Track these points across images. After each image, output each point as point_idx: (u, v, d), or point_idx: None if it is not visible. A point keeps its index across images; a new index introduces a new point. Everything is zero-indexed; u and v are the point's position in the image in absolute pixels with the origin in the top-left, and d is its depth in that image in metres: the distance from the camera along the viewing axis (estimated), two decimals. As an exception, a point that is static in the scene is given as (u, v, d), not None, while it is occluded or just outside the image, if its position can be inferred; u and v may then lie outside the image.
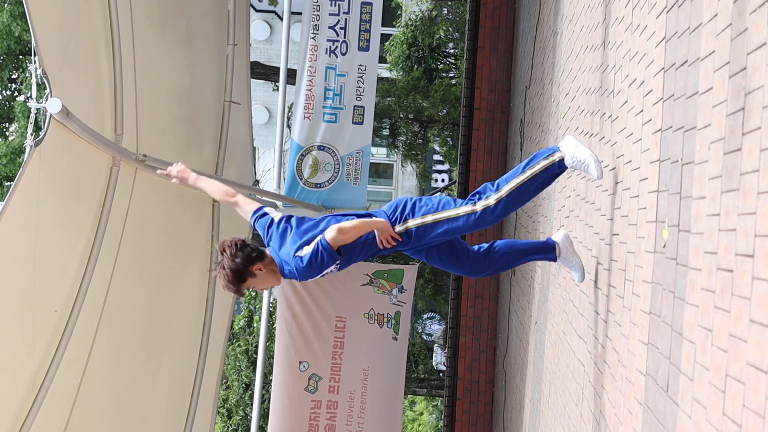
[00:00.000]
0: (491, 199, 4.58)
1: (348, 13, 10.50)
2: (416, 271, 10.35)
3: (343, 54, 10.48)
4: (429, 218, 4.68)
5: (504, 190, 4.56)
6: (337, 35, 10.48)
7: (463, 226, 4.63)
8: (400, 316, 10.03)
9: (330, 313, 9.76)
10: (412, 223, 4.70)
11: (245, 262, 4.61)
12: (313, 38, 10.46)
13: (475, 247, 5.05)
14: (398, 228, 4.72)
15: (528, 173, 4.54)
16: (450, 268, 5.07)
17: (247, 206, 5.03)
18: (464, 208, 4.62)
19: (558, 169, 4.54)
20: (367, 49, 10.54)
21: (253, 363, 15.98)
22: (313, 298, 9.69)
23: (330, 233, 4.50)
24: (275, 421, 9.76)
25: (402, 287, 10.01)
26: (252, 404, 15.45)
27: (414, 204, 4.75)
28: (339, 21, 10.49)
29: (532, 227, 8.07)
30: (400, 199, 4.84)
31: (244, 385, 16.32)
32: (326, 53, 10.45)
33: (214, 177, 5.15)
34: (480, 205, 4.60)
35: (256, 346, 16.10)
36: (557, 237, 5.05)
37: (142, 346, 7.26)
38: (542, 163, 4.53)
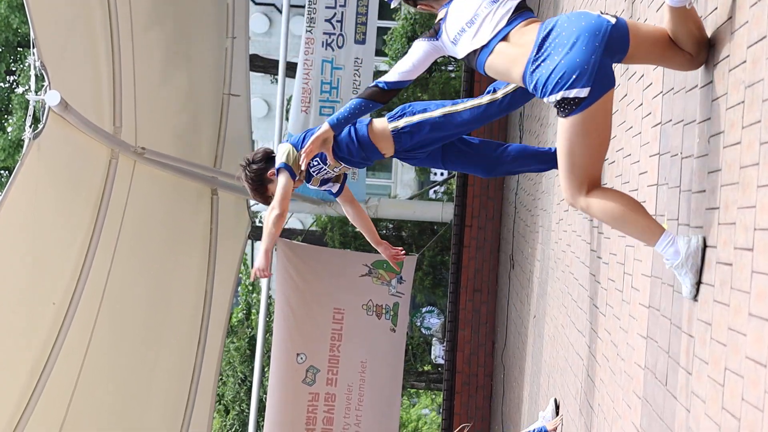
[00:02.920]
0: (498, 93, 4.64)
1: (344, 6, 10.48)
2: (415, 261, 10.33)
3: (340, 47, 10.47)
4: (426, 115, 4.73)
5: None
6: (334, 28, 10.46)
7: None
8: (398, 307, 10.03)
9: (328, 304, 9.75)
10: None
11: (260, 171, 4.76)
12: (309, 31, 10.45)
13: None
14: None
15: None
16: (464, 169, 5.13)
17: (281, 188, 4.62)
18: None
19: None
20: (363, 42, 10.53)
21: (248, 359, 15.99)
22: (312, 290, 9.68)
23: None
24: (272, 414, 9.75)
25: (401, 278, 10.00)
26: (248, 400, 15.47)
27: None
28: (335, 14, 10.47)
29: (531, 221, 8.08)
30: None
31: (239, 380, 16.31)
32: (323, 46, 10.43)
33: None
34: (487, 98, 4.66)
35: (250, 340, 16.10)
36: None
37: (140, 339, 7.26)
38: None
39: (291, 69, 11.80)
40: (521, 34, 3.24)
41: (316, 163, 4.76)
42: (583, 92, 2.95)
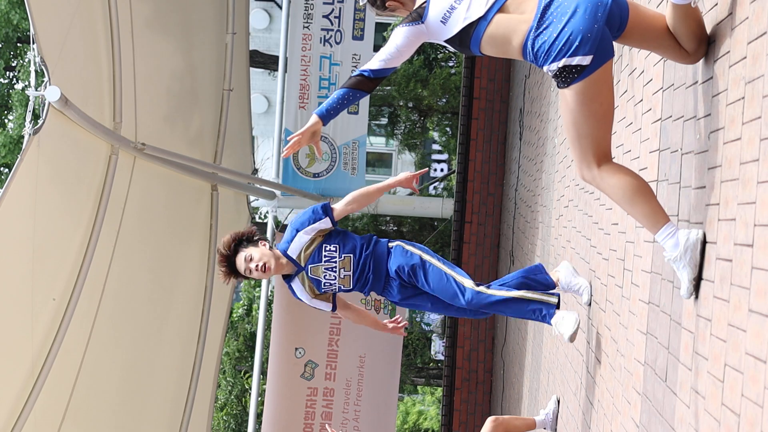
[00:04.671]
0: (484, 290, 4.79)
1: (342, 1, 10.46)
2: None
3: (338, 43, 10.46)
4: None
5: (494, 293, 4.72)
6: (332, 24, 10.45)
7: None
8: (396, 303, 10.02)
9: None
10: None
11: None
12: (306, 27, 10.43)
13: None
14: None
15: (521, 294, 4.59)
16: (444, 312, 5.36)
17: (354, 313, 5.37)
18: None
19: (542, 318, 4.56)
20: (361, 38, 10.51)
21: (241, 360, 15.95)
22: (311, 285, 9.67)
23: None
24: (271, 409, 9.75)
25: (399, 273, 10.01)
26: (240, 403, 15.47)
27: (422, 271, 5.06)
28: (333, 10, 10.46)
29: (531, 217, 8.08)
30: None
31: (230, 385, 16.26)
32: (320, 42, 10.42)
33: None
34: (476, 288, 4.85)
35: (251, 336, 16.07)
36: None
37: (140, 335, 7.26)
38: (537, 297, 4.55)
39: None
40: (518, 3, 3.24)
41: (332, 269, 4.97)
42: (586, 60, 2.96)
